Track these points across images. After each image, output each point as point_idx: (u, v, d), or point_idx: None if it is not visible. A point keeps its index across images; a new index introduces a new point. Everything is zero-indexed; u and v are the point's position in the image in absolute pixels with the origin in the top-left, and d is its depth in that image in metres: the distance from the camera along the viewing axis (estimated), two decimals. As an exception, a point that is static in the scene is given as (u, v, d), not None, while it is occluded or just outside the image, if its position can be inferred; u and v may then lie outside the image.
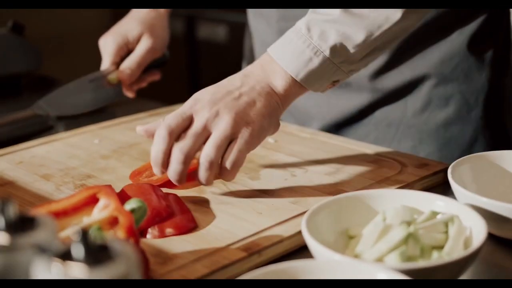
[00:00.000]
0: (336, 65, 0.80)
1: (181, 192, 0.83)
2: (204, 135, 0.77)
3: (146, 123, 1.09)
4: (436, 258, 0.62)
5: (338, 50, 0.79)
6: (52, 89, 1.42)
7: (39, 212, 0.52)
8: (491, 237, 0.69)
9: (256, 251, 0.69)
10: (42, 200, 0.82)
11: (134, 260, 0.44)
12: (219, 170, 0.78)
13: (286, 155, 0.94)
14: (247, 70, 0.83)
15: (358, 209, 0.70)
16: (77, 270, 0.41)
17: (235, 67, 1.42)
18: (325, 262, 0.59)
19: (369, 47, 0.80)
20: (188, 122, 0.78)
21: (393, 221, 0.66)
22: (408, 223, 0.64)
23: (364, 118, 1.09)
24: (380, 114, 1.07)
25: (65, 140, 1.03)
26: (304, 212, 0.75)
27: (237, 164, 0.78)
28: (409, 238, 0.62)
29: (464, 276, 0.65)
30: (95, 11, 2.76)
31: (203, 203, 0.80)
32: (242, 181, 0.86)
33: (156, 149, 0.77)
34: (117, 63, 1.14)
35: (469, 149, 1.04)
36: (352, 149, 0.96)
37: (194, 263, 0.67)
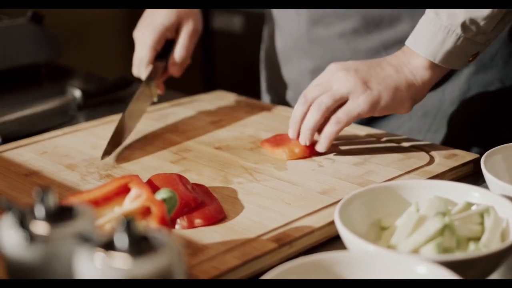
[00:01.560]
0: (470, 39, 0.82)
1: (208, 182, 0.82)
2: (327, 88, 0.86)
3: (168, 114, 1.09)
4: (473, 250, 0.61)
5: (468, 25, 0.81)
6: (70, 78, 1.42)
7: (75, 202, 0.51)
8: (525, 228, 0.68)
9: (287, 242, 0.68)
10: (69, 190, 0.81)
11: (177, 251, 0.43)
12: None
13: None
14: (391, 55, 0.89)
15: (390, 200, 0.69)
16: (121, 261, 0.40)
17: (251, 57, 1.42)
18: (360, 254, 0.59)
19: (499, 15, 0.81)
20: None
21: (427, 212, 0.65)
22: (443, 214, 0.63)
23: None
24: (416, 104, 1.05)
25: (88, 130, 1.03)
26: (333, 203, 0.75)
27: (343, 121, 0.84)
28: (445, 229, 0.61)
29: (500, 269, 0.64)
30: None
31: (231, 193, 0.79)
32: (269, 172, 0.85)
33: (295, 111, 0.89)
34: (157, 55, 1.09)
35: (509, 138, 1.01)
36: (379, 140, 0.95)
37: (224, 254, 0.66)
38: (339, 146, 0.92)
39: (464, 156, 0.87)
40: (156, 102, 1.06)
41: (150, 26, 1.06)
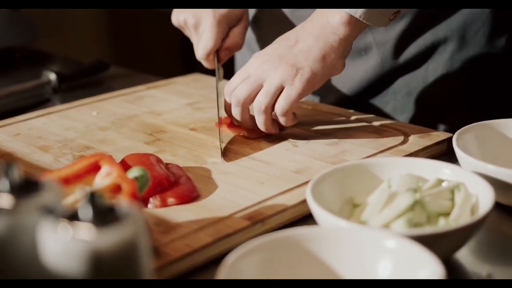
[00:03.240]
0: None
1: (182, 162, 0.82)
2: (257, 85, 0.84)
3: (144, 96, 1.08)
4: (442, 225, 0.62)
5: None
6: (47, 63, 1.41)
7: (42, 178, 0.51)
8: (496, 205, 0.68)
9: (259, 220, 0.68)
10: (42, 171, 0.80)
11: (142, 222, 0.43)
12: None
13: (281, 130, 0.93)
14: (307, 19, 0.87)
15: (363, 178, 0.70)
16: (85, 231, 0.40)
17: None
18: (331, 229, 0.59)
19: None
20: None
21: (399, 189, 0.65)
22: (414, 190, 0.64)
23: (382, 88, 1.05)
24: (399, 82, 1.04)
25: (63, 113, 1.02)
26: (307, 182, 0.75)
27: (286, 109, 0.83)
28: (416, 205, 0.62)
29: (469, 244, 0.65)
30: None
31: (205, 173, 0.79)
32: (243, 151, 0.85)
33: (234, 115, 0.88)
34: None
35: (491, 115, 1.01)
36: (354, 120, 0.95)
37: (197, 232, 0.66)
38: (314, 126, 0.92)
39: (438, 135, 0.88)
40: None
41: (214, 10, 0.99)
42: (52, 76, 1.19)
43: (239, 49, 1.04)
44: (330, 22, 0.84)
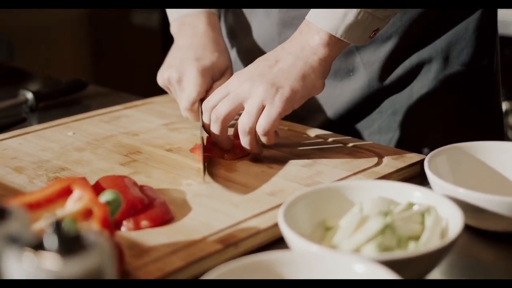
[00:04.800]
0: (371, 14, 0.83)
1: (157, 184, 0.82)
2: (237, 102, 0.85)
3: (120, 116, 1.08)
4: (412, 249, 0.62)
5: None
6: (25, 81, 1.40)
7: (11, 203, 0.51)
8: (466, 228, 0.69)
9: (232, 243, 0.68)
10: (15, 193, 0.80)
11: (108, 251, 0.43)
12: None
13: (263, 147, 0.93)
14: (287, 40, 0.88)
15: (335, 200, 0.70)
16: (50, 261, 0.40)
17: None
18: (301, 254, 0.59)
19: None
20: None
21: (370, 212, 0.66)
22: (385, 214, 0.64)
23: (369, 108, 1.05)
24: (385, 102, 1.04)
25: (39, 133, 1.02)
26: (280, 204, 0.75)
27: (267, 129, 0.84)
28: (386, 229, 0.62)
29: (440, 267, 0.65)
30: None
31: (179, 195, 0.79)
32: (218, 173, 0.85)
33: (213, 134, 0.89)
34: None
35: (477, 135, 1.02)
36: (329, 141, 0.96)
37: (170, 255, 0.66)
38: (289, 148, 0.93)
39: (411, 157, 0.88)
40: None
41: (197, 63, 0.98)
42: (29, 95, 1.18)
43: None
44: (310, 42, 0.85)
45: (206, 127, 0.89)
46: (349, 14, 0.82)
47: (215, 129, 0.87)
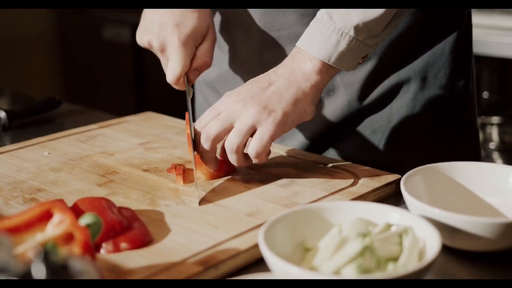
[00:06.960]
0: (362, 41, 0.85)
1: (135, 205, 0.82)
2: (228, 123, 0.86)
3: (96, 135, 1.08)
4: (391, 270, 0.63)
5: (361, 28, 0.84)
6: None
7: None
8: (442, 247, 0.70)
9: (212, 264, 0.69)
10: (-9, 215, 0.79)
11: (95, 278, 0.43)
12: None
13: (240, 167, 0.94)
14: (279, 65, 0.90)
15: (314, 222, 0.71)
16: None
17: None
18: (282, 276, 0.60)
19: (388, 18, 0.86)
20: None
21: (349, 234, 0.67)
22: (364, 235, 0.65)
23: (349, 127, 1.06)
24: (365, 121, 1.05)
25: (13, 153, 1.01)
26: (260, 225, 0.76)
27: (260, 152, 0.85)
28: (365, 250, 0.63)
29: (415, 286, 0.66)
30: (39, 15, 2.71)
31: (158, 216, 0.79)
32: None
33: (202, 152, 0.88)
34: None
35: (454, 154, 1.03)
36: (306, 161, 0.96)
37: (149, 278, 0.66)
38: (266, 168, 0.94)
39: (386, 177, 0.90)
40: None
41: (178, 31, 0.95)
42: (2, 114, 1.17)
43: (208, 67, 1.01)
44: (302, 69, 0.87)
45: (196, 146, 0.89)
46: (342, 42, 0.85)
47: (204, 147, 0.87)
